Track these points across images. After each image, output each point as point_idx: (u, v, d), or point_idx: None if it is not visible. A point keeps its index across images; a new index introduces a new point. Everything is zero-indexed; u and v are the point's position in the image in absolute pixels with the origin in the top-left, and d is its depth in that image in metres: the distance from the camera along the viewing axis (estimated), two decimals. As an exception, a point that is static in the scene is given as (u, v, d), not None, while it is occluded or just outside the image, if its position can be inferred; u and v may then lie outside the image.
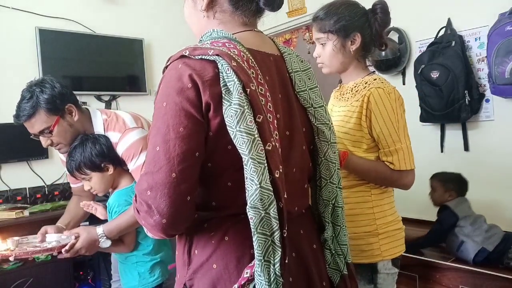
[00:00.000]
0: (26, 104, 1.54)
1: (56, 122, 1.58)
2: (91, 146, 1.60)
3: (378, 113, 1.33)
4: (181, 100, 0.76)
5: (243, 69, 0.77)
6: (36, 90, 1.56)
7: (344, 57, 1.41)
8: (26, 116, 1.55)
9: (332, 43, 1.39)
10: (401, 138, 1.34)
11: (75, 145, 1.63)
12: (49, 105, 1.55)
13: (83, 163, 1.61)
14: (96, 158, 1.60)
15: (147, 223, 0.80)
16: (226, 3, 0.90)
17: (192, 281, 0.85)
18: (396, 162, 1.34)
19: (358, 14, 1.38)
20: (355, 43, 1.38)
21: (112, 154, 1.64)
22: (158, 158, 0.76)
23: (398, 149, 1.33)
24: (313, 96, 0.95)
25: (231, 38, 0.84)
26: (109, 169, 1.65)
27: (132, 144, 1.60)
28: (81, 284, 2.95)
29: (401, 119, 1.35)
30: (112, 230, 1.57)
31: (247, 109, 0.74)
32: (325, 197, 0.96)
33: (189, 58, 0.79)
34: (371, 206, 1.40)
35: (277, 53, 0.95)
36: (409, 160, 1.35)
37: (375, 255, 1.38)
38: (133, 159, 1.60)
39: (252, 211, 0.74)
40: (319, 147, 0.96)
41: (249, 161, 0.73)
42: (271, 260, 0.76)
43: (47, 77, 1.63)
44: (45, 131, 1.58)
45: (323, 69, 1.47)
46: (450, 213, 2.23)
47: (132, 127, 1.65)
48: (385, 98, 1.33)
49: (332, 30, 1.38)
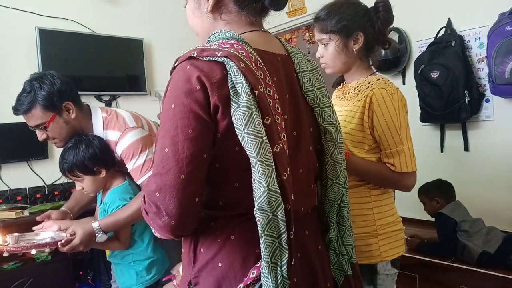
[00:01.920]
0: (25, 98, 1.55)
1: (51, 119, 1.58)
2: (84, 150, 1.59)
3: (380, 114, 1.32)
4: (190, 102, 0.76)
5: (251, 71, 0.77)
6: (36, 85, 1.56)
7: (347, 57, 1.39)
8: (23, 111, 1.56)
9: (334, 43, 1.37)
10: (403, 139, 1.33)
11: (68, 146, 1.62)
12: (45, 102, 1.55)
13: (75, 166, 1.60)
14: (89, 161, 1.59)
15: (156, 224, 0.80)
16: (231, 3, 0.90)
17: (197, 279, 0.85)
18: (397, 164, 1.32)
19: (359, 13, 1.37)
20: (358, 43, 1.37)
21: (105, 157, 1.63)
22: (166, 160, 0.76)
23: (399, 150, 1.32)
24: (321, 96, 0.95)
25: (239, 39, 0.84)
26: (102, 173, 1.65)
27: (132, 144, 1.60)
28: (81, 284, 2.95)
29: (403, 120, 1.34)
30: (109, 225, 1.56)
31: (255, 111, 0.74)
32: (331, 197, 0.96)
33: (197, 59, 0.78)
34: (371, 207, 1.39)
35: (284, 53, 0.95)
36: (411, 162, 1.34)
37: (374, 256, 1.37)
38: (132, 159, 1.59)
39: (260, 213, 0.74)
40: (326, 147, 0.96)
41: (257, 164, 0.73)
42: (278, 262, 0.76)
43: (49, 73, 1.63)
44: (40, 127, 1.59)
45: (326, 70, 1.45)
46: (447, 218, 2.24)
47: (132, 126, 1.64)
48: (388, 99, 1.31)
49: (334, 30, 1.36)
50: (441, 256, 2.27)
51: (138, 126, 1.66)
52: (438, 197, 2.36)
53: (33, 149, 3.00)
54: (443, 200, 2.34)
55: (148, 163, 1.57)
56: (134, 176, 1.61)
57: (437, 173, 2.56)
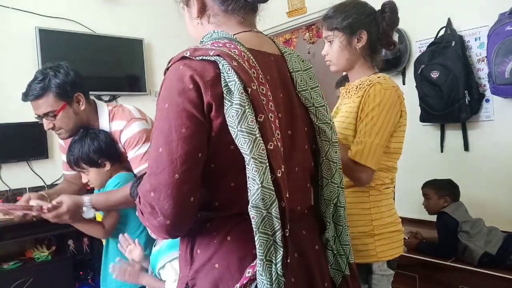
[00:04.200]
0: (38, 84, 1.56)
1: (62, 107, 1.60)
2: (89, 143, 1.63)
3: (367, 105, 1.34)
4: (183, 101, 0.76)
5: (244, 69, 0.77)
6: (50, 73, 1.58)
7: (350, 54, 1.42)
8: (35, 96, 1.57)
9: (338, 40, 1.41)
10: (372, 134, 1.32)
11: (75, 139, 1.67)
12: (59, 90, 1.57)
13: (81, 158, 1.64)
14: (94, 154, 1.63)
15: (151, 225, 0.80)
16: (216, 5, 0.90)
17: (194, 281, 0.85)
18: (353, 151, 1.33)
19: (365, 13, 1.41)
20: (361, 41, 1.40)
21: (110, 150, 1.67)
22: (160, 160, 0.76)
23: (362, 141, 1.32)
24: (315, 95, 0.95)
25: (232, 38, 0.84)
26: (106, 165, 1.68)
27: (136, 133, 1.62)
28: (81, 284, 2.95)
29: (384, 117, 1.33)
30: (99, 201, 1.57)
31: (248, 109, 0.74)
32: (327, 196, 0.96)
33: (190, 59, 0.79)
34: (368, 207, 1.39)
35: (277, 53, 0.95)
36: (368, 156, 1.31)
37: (370, 255, 1.38)
38: (135, 147, 1.61)
39: (254, 211, 0.74)
40: (321, 147, 0.96)
41: (250, 161, 0.73)
42: (273, 260, 0.76)
43: (63, 63, 1.66)
44: (50, 114, 1.60)
45: (331, 67, 1.48)
46: (449, 218, 2.24)
47: (138, 117, 1.67)
48: (379, 93, 1.33)
49: (338, 27, 1.41)
50: (440, 256, 2.27)
51: (143, 118, 1.69)
52: (448, 196, 2.34)
53: (33, 149, 2.99)
54: (451, 200, 2.33)
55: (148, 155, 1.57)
56: (133, 164, 1.63)
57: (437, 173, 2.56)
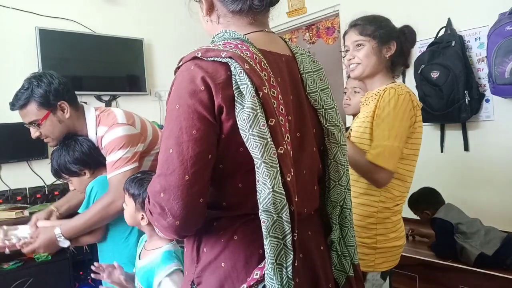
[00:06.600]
0: (22, 94, 1.61)
1: (45, 116, 1.62)
2: (65, 154, 1.65)
3: (381, 109, 1.37)
4: (194, 102, 0.76)
5: (256, 72, 0.77)
6: (34, 82, 1.61)
7: (378, 61, 1.50)
8: (19, 106, 1.61)
9: (370, 45, 1.49)
10: (391, 138, 1.35)
11: (53, 151, 1.70)
12: (41, 99, 1.60)
13: (59, 169, 1.68)
14: (71, 165, 1.66)
15: (160, 225, 0.80)
16: (222, 7, 0.90)
17: (200, 279, 0.85)
18: (373, 153, 1.35)
19: (394, 29, 1.52)
20: (390, 51, 1.49)
21: (90, 159, 1.68)
22: (171, 161, 0.77)
23: (381, 145, 1.35)
24: (324, 97, 0.95)
25: (244, 39, 0.83)
26: (86, 173, 1.70)
27: (115, 139, 1.62)
28: (81, 284, 2.94)
29: (400, 121, 1.36)
30: (69, 231, 1.60)
31: (260, 113, 0.74)
32: (333, 198, 0.96)
33: (202, 60, 0.78)
34: (375, 222, 1.43)
35: (289, 53, 0.94)
36: (387, 159, 1.34)
37: (368, 265, 1.41)
38: (111, 153, 1.62)
39: (265, 215, 0.74)
40: (329, 149, 0.96)
41: (261, 165, 0.73)
42: (284, 264, 0.76)
43: (48, 72, 1.68)
44: (34, 123, 1.63)
45: (355, 71, 1.53)
46: (442, 221, 2.26)
47: (121, 122, 1.66)
48: (393, 98, 1.37)
49: (372, 34, 1.48)
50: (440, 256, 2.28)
51: (128, 123, 1.67)
52: (426, 210, 2.41)
53: (33, 149, 2.99)
54: (432, 210, 2.37)
55: (121, 161, 1.58)
56: (107, 170, 1.63)
57: (437, 173, 2.56)
